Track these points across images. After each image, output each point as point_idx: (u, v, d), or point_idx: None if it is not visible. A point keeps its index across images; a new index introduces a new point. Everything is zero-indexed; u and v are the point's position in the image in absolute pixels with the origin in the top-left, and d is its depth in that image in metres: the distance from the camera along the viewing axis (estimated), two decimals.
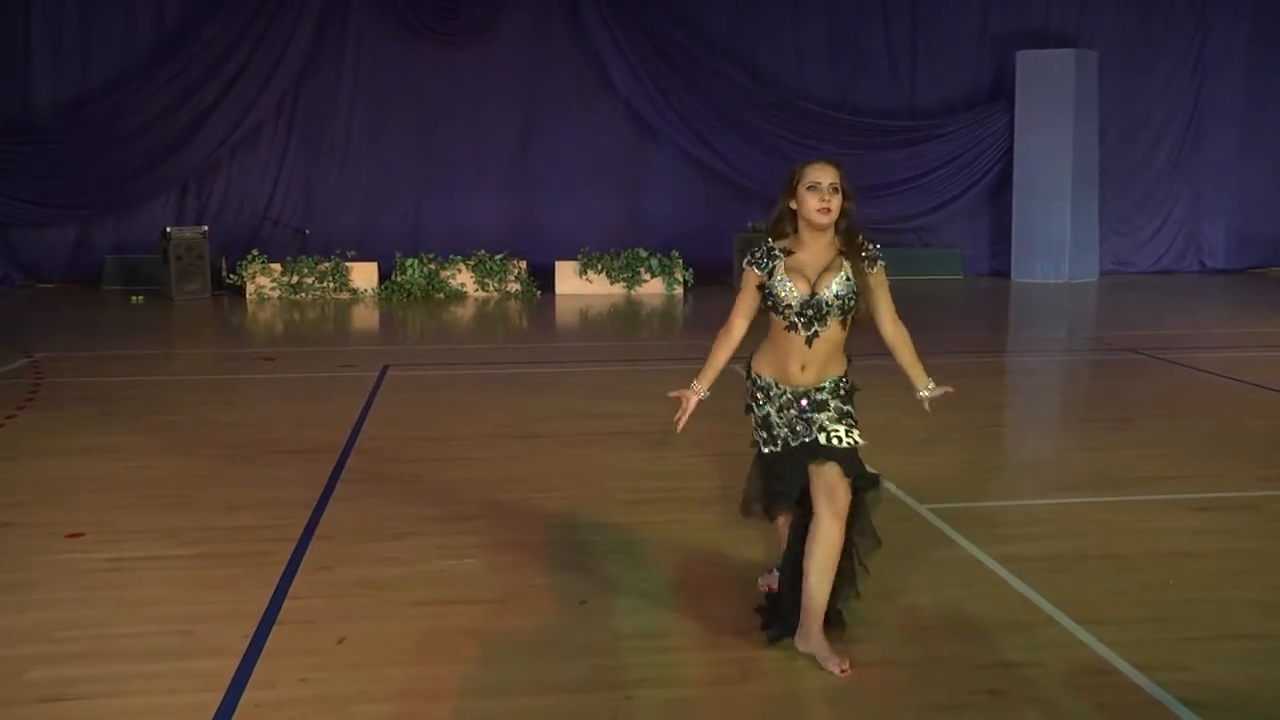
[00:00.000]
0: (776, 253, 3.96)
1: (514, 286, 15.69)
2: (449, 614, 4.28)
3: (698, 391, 4.09)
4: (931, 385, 4.23)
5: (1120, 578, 4.65)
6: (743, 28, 17.46)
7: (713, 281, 16.01)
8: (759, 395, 4.03)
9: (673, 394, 4.16)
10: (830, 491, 3.86)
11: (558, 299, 15.42)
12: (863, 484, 3.95)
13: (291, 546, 5.01)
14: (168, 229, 14.94)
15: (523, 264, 15.85)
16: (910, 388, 4.25)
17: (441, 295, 15.44)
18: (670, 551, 4.88)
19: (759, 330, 4.09)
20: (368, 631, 4.12)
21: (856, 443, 3.94)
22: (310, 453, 6.72)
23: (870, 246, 3.96)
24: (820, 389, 3.97)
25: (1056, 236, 17.01)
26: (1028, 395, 9.21)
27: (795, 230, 3.96)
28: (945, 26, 17.77)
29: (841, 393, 4.01)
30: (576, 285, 15.87)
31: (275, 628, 4.15)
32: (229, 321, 13.58)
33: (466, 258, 15.73)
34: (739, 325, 4.07)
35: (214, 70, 16.10)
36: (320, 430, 7.31)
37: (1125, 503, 5.73)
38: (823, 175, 3.87)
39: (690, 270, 16.00)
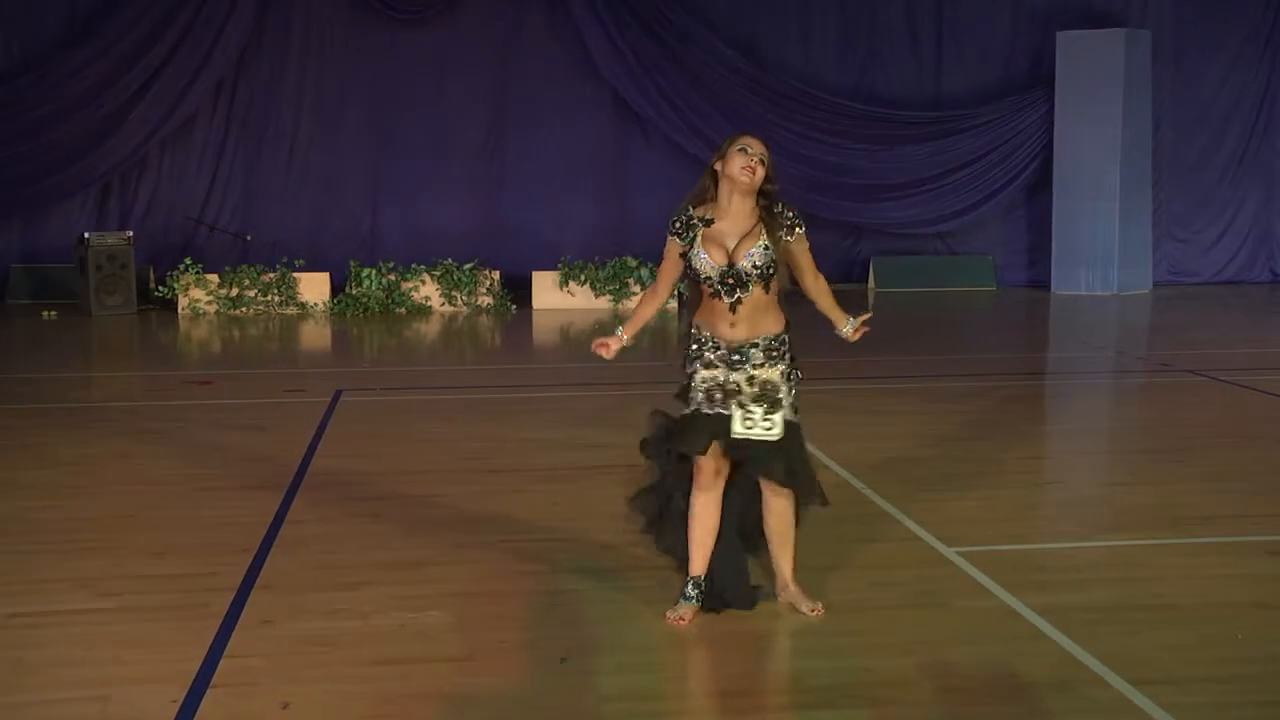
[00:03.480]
0: (696, 222, 4.68)
1: (485, 300, 15.70)
2: (409, 675, 4.26)
3: (621, 338, 4.85)
4: (851, 320, 4.83)
5: (1179, 632, 4.65)
6: (744, 5, 17.54)
7: None
8: (694, 347, 4.66)
9: (596, 343, 4.88)
10: (766, 480, 4.66)
11: (535, 314, 15.43)
12: (784, 479, 4.63)
13: (229, 598, 4.99)
14: (85, 235, 14.90)
15: (495, 274, 15.87)
16: (833, 330, 4.90)
17: (402, 310, 15.44)
18: (662, 603, 4.87)
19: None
20: (316, 695, 4.10)
21: (786, 421, 4.56)
22: (251, 490, 6.69)
23: (789, 214, 4.63)
24: (755, 344, 4.60)
25: (1103, 242, 17.08)
26: (1071, 423, 9.23)
27: (716, 196, 4.64)
28: (976, 3, 17.88)
29: (774, 353, 4.61)
30: (556, 298, 15.88)
31: (209, 691, 4.12)
32: (158, 340, 13.55)
33: (431, 267, 15.73)
34: (663, 289, 4.94)
35: (140, 53, 16.09)
36: (263, 464, 7.28)
37: (1185, 545, 5.74)
38: (754, 144, 4.57)
39: (684, 281, 15.99)
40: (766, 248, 4.55)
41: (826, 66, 17.69)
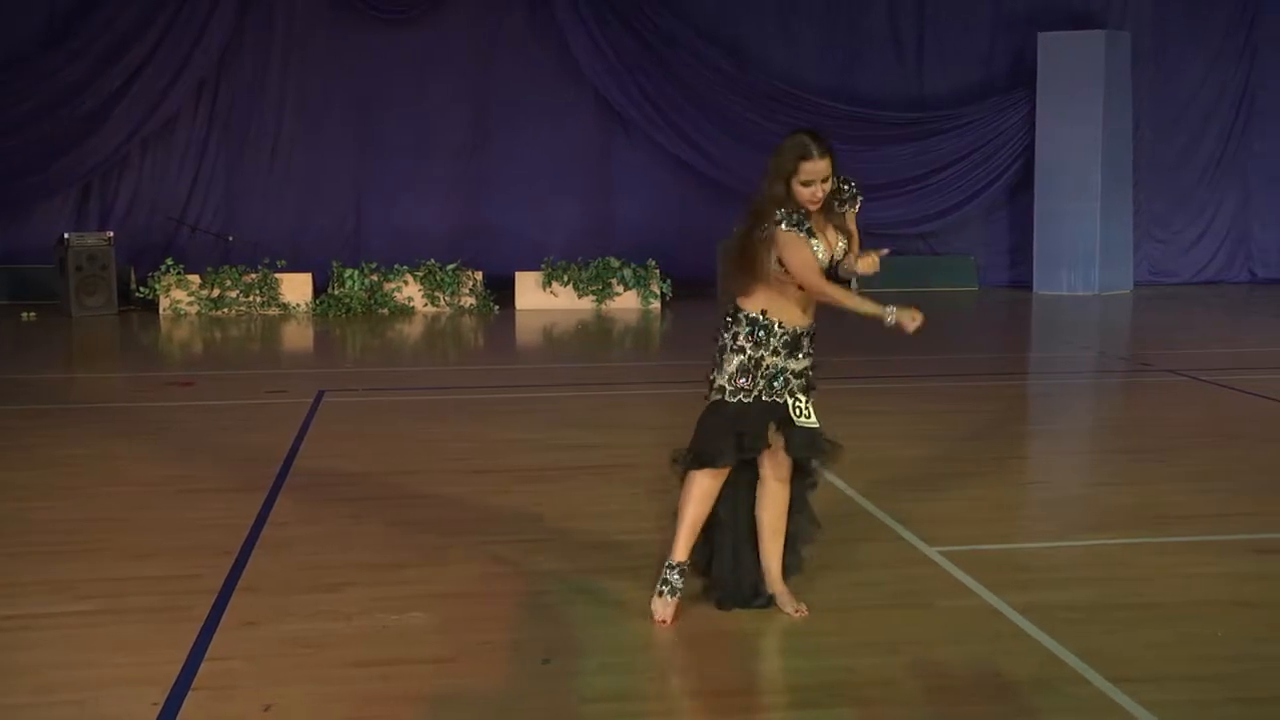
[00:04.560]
0: (802, 216, 4.58)
1: (468, 300, 15.68)
2: (391, 676, 4.25)
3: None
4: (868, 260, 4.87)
5: (1161, 630, 4.67)
6: (726, 6, 17.57)
7: (693, 294, 16.02)
8: (758, 335, 4.60)
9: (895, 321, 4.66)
10: (775, 458, 4.71)
11: (518, 314, 15.42)
12: (823, 461, 4.82)
13: (211, 600, 4.97)
14: (66, 235, 14.83)
15: (478, 275, 15.85)
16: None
17: (385, 311, 15.41)
18: (645, 602, 4.87)
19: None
20: (299, 697, 4.09)
21: (816, 423, 4.70)
22: (233, 491, 6.67)
23: (846, 188, 4.79)
24: (811, 332, 4.74)
25: (1085, 242, 17.15)
26: (1053, 423, 9.25)
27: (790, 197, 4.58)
28: (957, 4, 17.93)
29: (811, 361, 4.78)
30: (539, 299, 15.87)
31: (190, 694, 4.10)
32: (139, 341, 13.51)
33: (414, 268, 15.71)
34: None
35: (120, 52, 16.05)
36: (245, 465, 7.26)
37: (1166, 544, 5.76)
38: (816, 172, 4.53)
39: (668, 282, 16.04)
40: (844, 246, 4.71)
41: (809, 67, 17.72)
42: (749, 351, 4.60)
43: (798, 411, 4.65)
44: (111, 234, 15.23)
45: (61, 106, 15.97)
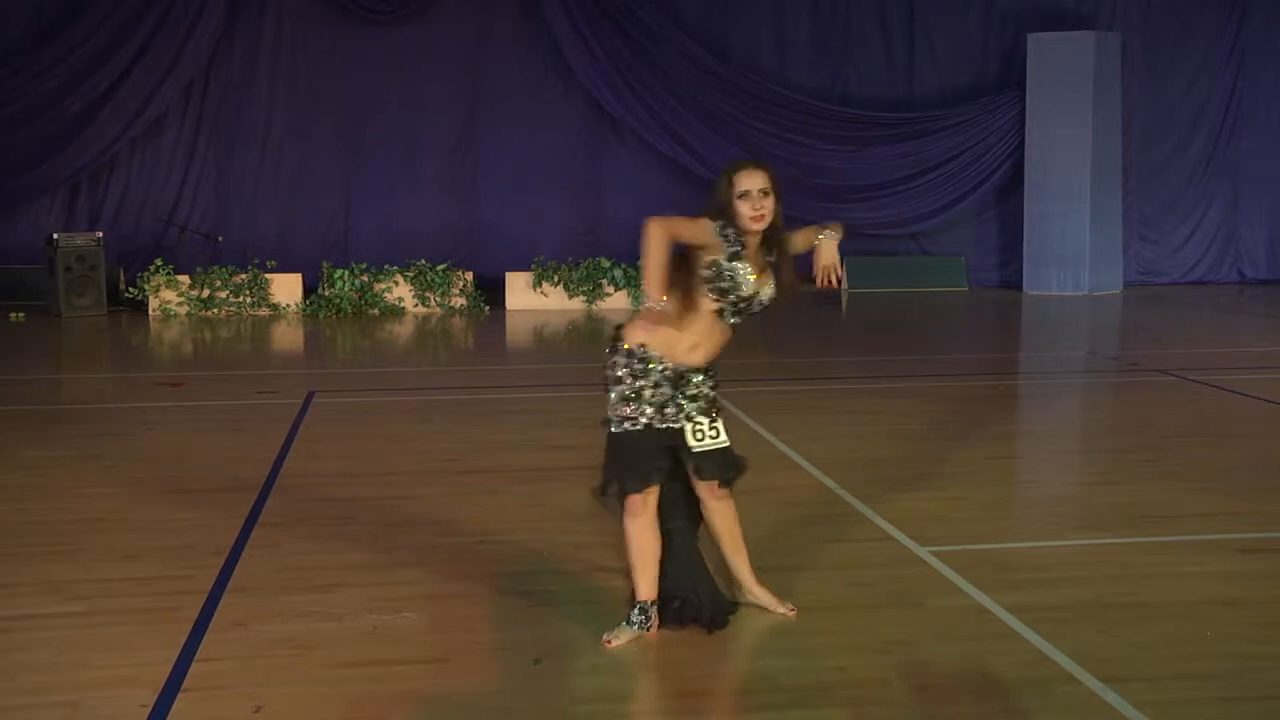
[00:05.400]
0: (739, 239, 4.45)
1: (459, 301, 15.68)
2: (382, 677, 4.25)
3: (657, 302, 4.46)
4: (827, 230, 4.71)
5: (1149, 629, 4.68)
6: (716, 6, 17.60)
7: None
8: (635, 368, 4.48)
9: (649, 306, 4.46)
10: (708, 488, 4.60)
11: (508, 315, 15.42)
12: (734, 477, 4.63)
13: (201, 600, 4.96)
14: (55, 235, 14.81)
15: (468, 275, 15.85)
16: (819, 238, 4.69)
17: (375, 311, 15.40)
18: None
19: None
20: (289, 698, 4.08)
21: (723, 442, 4.55)
22: (223, 492, 6.66)
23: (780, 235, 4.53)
24: (701, 371, 4.54)
25: (1074, 243, 17.19)
26: (1043, 423, 9.27)
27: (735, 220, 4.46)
28: (947, 5, 17.97)
29: (713, 381, 4.60)
30: (530, 299, 15.87)
31: (180, 695, 4.10)
32: (128, 341, 13.48)
33: (404, 268, 15.71)
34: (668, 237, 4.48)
35: (110, 51, 16.02)
36: (235, 466, 7.25)
37: (1155, 544, 5.78)
38: (752, 181, 4.42)
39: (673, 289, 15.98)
40: (772, 289, 4.52)
41: (799, 67, 17.75)
42: (627, 382, 4.48)
43: (698, 435, 4.51)
44: (101, 234, 15.22)
45: (50, 106, 15.95)
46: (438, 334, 14.02)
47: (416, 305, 15.63)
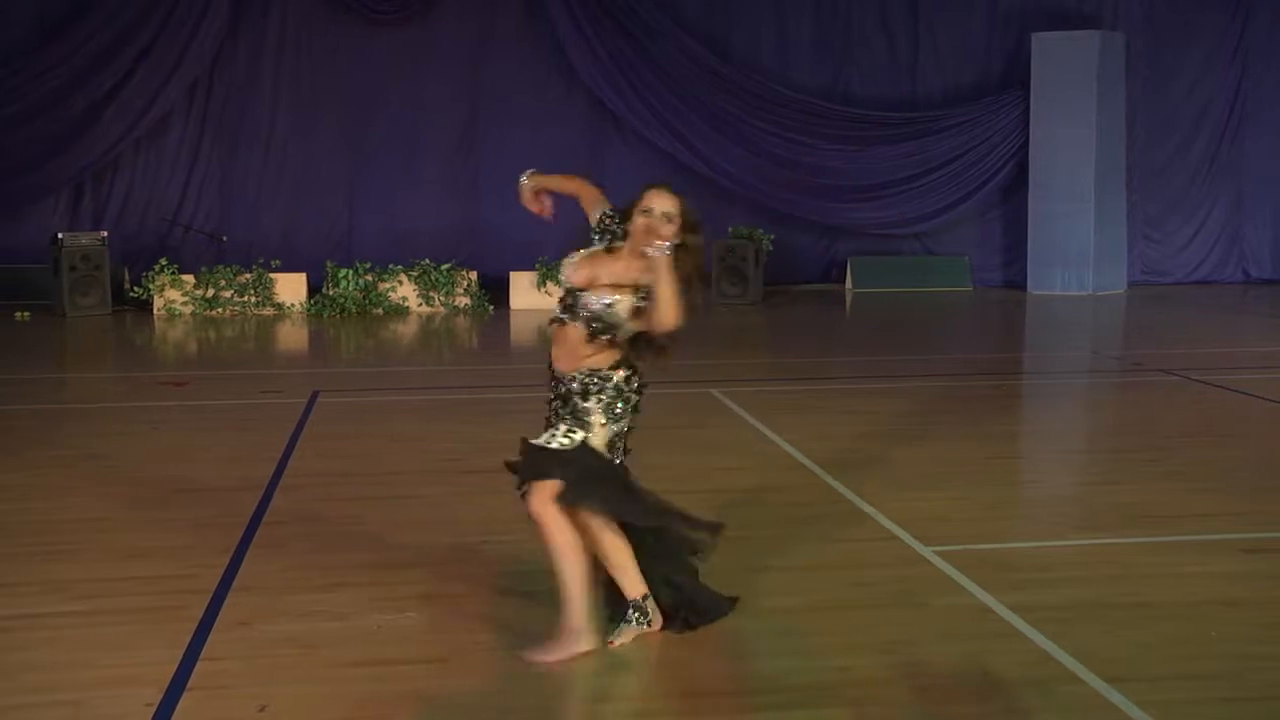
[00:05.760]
0: (608, 236, 4.63)
1: (463, 300, 15.68)
2: (386, 676, 4.25)
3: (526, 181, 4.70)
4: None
5: (1152, 629, 4.68)
6: (718, 5, 17.59)
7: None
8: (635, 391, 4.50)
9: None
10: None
11: (512, 314, 15.42)
12: (523, 480, 4.53)
13: (205, 600, 4.97)
14: (59, 235, 14.83)
15: (472, 275, 15.85)
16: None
17: (379, 311, 15.40)
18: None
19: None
20: (294, 697, 4.09)
21: (563, 444, 4.39)
22: (228, 491, 6.67)
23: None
24: (573, 379, 4.41)
25: (1079, 243, 17.15)
26: (1046, 423, 9.27)
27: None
28: (951, 4, 17.95)
29: (593, 387, 4.41)
30: (534, 299, 15.84)
31: (185, 694, 4.11)
32: (133, 341, 13.49)
33: (408, 268, 15.70)
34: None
35: (114, 51, 16.02)
36: (240, 465, 7.26)
37: (1158, 544, 5.78)
38: (660, 202, 4.42)
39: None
40: (634, 309, 4.38)
41: (802, 66, 17.73)
42: (609, 411, 4.47)
43: (549, 437, 4.46)
44: (105, 234, 15.22)
45: (54, 106, 15.94)
46: (442, 334, 14.03)
47: (421, 305, 15.63)
